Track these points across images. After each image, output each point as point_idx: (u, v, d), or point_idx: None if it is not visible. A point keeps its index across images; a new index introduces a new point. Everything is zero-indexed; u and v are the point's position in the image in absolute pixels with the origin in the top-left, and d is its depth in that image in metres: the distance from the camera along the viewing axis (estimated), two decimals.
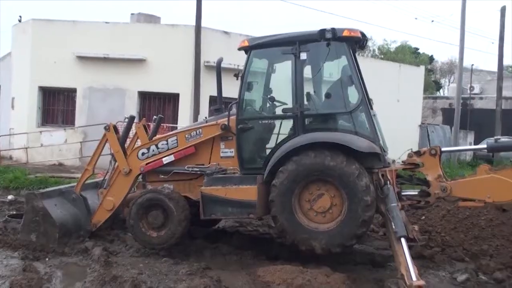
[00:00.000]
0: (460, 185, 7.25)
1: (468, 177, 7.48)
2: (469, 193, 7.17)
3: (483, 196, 7.03)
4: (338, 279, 6.53)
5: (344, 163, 6.96)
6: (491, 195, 6.98)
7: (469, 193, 7.16)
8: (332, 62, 7.84)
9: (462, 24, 23.58)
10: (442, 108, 39.38)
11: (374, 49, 59.71)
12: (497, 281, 7.18)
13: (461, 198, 7.29)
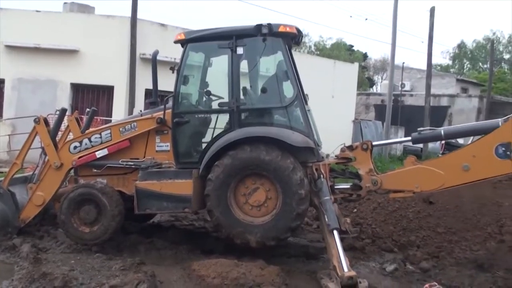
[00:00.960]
0: (390, 177, 7.51)
1: (397, 169, 7.76)
2: (398, 185, 7.43)
3: (412, 187, 7.30)
4: (272, 271, 6.61)
5: (279, 157, 7.06)
6: (419, 185, 7.26)
7: (399, 184, 7.43)
8: (268, 57, 7.91)
9: (394, 23, 24.36)
10: (375, 104, 40.57)
11: (311, 45, 60.77)
12: (423, 270, 7.50)
13: (391, 190, 7.54)
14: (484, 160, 6.90)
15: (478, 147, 7.05)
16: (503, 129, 6.91)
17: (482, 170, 6.97)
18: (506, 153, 6.80)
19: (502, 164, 6.85)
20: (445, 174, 7.09)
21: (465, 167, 6.97)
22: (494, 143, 6.88)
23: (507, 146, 6.80)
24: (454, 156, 7.31)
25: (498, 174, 7.06)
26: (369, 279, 6.82)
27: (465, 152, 7.15)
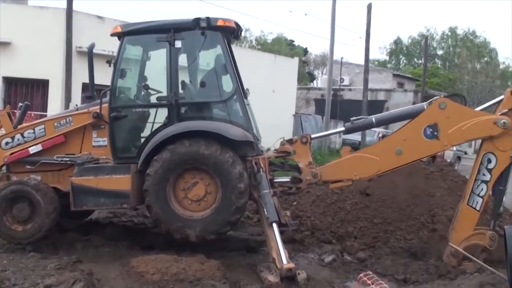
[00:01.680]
0: (328, 168, 7.67)
1: (334, 160, 7.93)
2: (337, 175, 7.60)
3: (350, 175, 7.49)
4: (212, 265, 6.62)
5: (219, 152, 7.05)
6: (357, 173, 7.47)
7: (337, 174, 7.59)
8: (207, 51, 7.87)
9: (333, 19, 24.80)
10: (315, 98, 41.22)
11: (252, 40, 60.91)
12: (360, 260, 7.73)
13: (331, 181, 7.69)
14: (415, 143, 7.24)
15: (408, 131, 7.36)
16: (428, 111, 7.27)
17: (413, 152, 7.31)
18: (434, 134, 7.18)
19: (431, 144, 7.24)
20: (380, 159, 7.35)
21: (398, 151, 7.26)
22: (422, 125, 7.23)
23: (434, 127, 7.18)
24: (387, 141, 7.58)
25: (428, 154, 7.52)
26: (307, 270, 6.96)
27: (397, 137, 7.42)
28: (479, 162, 7.15)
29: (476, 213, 7.13)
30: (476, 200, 7.12)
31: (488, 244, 7.05)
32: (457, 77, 56.60)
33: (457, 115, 7.17)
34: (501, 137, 7.03)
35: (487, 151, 7.14)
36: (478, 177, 7.16)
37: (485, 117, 7.11)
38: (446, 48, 66.23)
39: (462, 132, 7.13)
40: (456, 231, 7.21)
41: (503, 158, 7.08)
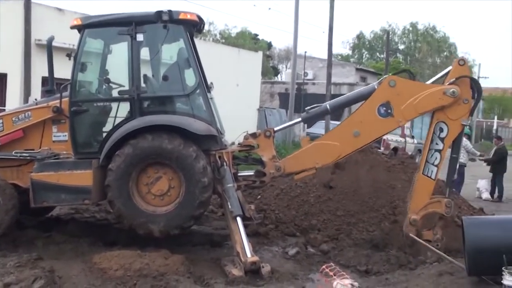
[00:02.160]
0: (291, 160, 7.73)
1: (295, 152, 7.98)
2: (300, 166, 7.65)
3: (313, 164, 7.56)
4: (176, 260, 6.61)
5: (182, 146, 7.02)
6: (319, 161, 7.54)
7: (300, 165, 7.65)
8: (169, 45, 7.82)
9: (296, 13, 24.88)
10: (279, 92, 41.33)
11: (216, 33, 60.65)
12: (323, 252, 7.82)
13: (294, 172, 7.73)
14: (371, 123, 7.39)
15: (363, 112, 7.50)
16: (379, 91, 7.42)
17: (371, 132, 7.45)
18: (388, 112, 7.34)
19: (387, 122, 7.40)
20: (339, 144, 7.46)
21: (356, 133, 7.40)
22: (375, 105, 7.38)
23: (387, 105, 7.33)
24: (344, 125, 7.66)
25: (385, 132, 7.69)
26: (272, 263, 7.01)
27: (353, 120, 7.54)
28: (431, 132, 7.32)
29: (432, 182, 7.30)
30: (431, 169, 7.29)
31: (445, 211, 7.25)
32: (418, 71, 57.67)
33: (407, 90, 7.32)
34: (451, 106, 7.21)
35: (438, 121, 7.31)
36: (432, 146, 7.32)
37: (434, 89, 7.28)
38: (408, 43, 67.39)
39: (414, 107, 7.28)
40: (413, 201, 7.37)
41: (454, 126, 7.27)
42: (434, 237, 7.28)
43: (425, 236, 7.30)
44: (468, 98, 7.28)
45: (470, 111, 7.32)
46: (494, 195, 15.40)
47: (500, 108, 69.69)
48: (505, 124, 66.43)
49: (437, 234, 7.30)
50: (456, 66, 7.34)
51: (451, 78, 7.30)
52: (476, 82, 7.54)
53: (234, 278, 6.40)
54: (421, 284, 5.98)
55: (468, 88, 7.31)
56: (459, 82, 7.23)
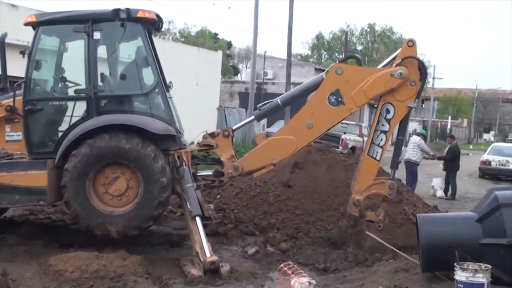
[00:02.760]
0: (248, 159, 7.73)
1: (252, 150, 7.99)
2: (258, 163, 7.65)
3: (270, 160, 7.56)
4: (135, 261, 6.55)
5: (140, 146, 6.95)
6: (275, 156, 7.54)
7: (258, 162, 7.64)
8: (127, 43, 7.75)
9: (256, 13, 24.94)
10: (239, 92, 41.35)
11: (175, 32, 60.17)
12: (282, 251, 7.87)
13: (253, 171, 7.73)
14: (322, 113, 7.41)
15: (313, 104, 7.53)
16: (327, 80, 7.46)
17: (323, 122, 7.49)
18: (338, 100, 7.36)
19: (338, 110, 7.42)
20: (294, 137, 7.47)
21: (309, 124, 7.42)
22: (325, 95, 7.40)
23: (337, 93, 7.35)
24: (296, 118, 7.66)
25: (338, 120, 7.65)
26: (231, 262, 7.02)
27: (305, 112, 7.54)
28: (378, 113, 7.37)
29: (376, 163, 7.38)
30: (376, 150, 7.36)
31: (388, 193, 7.32)
32: None
33: (355, 76, 7.35)
34: (399, 88, 7.25)
35: (385, 102, 7.35)
36: (378, 127, 7.38)
37: (381, 72, 7.33)
38: (365, 44, 68.50)
39: (364, 92, 7.31)
40: (358, 182, 7.44)
41: (400, 108, 7.32)
42: (376, 218, 7.35)
43: (368, 217, 7.40)
44: (416, 80, 7.31)
45: (417, 93, 7.36)
46: (448, 193, 15.81)
47: (454, 108, 71.52)
48: (459, 124, 68.25)
49: (380, 215, 7.37)
50: (405, 47, 7.37)
51: (398, 59, 7.33)
52: (422, 64, 7.51)
53: (193, 278, 6.38)
54: (377, 280, 6.09)
55: (416, 70, 7.33)
56: (406, 64, 7.25)
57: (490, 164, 22.44)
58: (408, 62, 7.27)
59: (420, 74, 7.38)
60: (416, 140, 14.63)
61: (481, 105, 75.78)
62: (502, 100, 77.79)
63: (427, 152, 14.73)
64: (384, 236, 7.37)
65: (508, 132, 72.71)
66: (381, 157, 7.40)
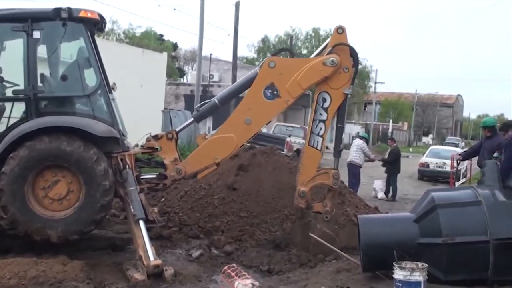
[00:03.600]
0: (190, 161, 7.69)
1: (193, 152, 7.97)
2: (200, 164, 7.62)
3: (212, 160, 7.55)
4: (75, 266, 6.40)
5: (82, 148, 6.81)
6: (218, 156, 7.54)
7: (200, 164, 7.62)
8: (69, 43, 7.59)
9: (201, 15, 24.87)
10: (185, 94, 41.05)
11: (119, 33, 59.21)
12: (227, 254, 7.88)
13: (197, 172, 7.70)
14: (259, 108, 7.45)
15: (249, 99, 7.56)
16: (261, 75, 7.50)
17: (261, 117, 7.52)
18: (274, 93, 7.41)
19: (275, 104, 7.47)
20: (234, 135, 7.48)
21: (247, 120, 7.44)
22: (260, 89, 7.43)
23: (272, 87, 7.39)
24: (234, 115, 7.66)
25: (276, 113, 7.73)
26: (175, 266, 6.98)
27: (242, 108, 7.57)
28: (315, 103, 7.44)
29: (318, 152, 7.46)
30: (316, 140, 7.44)
31: (332, 183, 7.43)
32: None
33: (288, 68, 7.40)
34: (333, 76, 7.33)
35: (321, 91, 7.42)
36: (316, 117, 7.45)
37: (314, 61, 7.40)
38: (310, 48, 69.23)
39: (298, 83, 7.37)
40: (301, 174, 7.52)
41: (336, 96, 7.39)
42: (323, 209, 7.43)
43: (315, 208, 7.47)
44: (349, 66, 7.40)
45: (351, 80, 7.45)
46: (389, 195, 16.26)
47: (395, 112, 73.59)
48: (400, 127, 70.27)
49: (327, 206, 7.44)
50: (334, 34, 7.44)
51: (329, 47, 7.40)
52: (354, 50, 7.54)
53: (136, 282, 6.31)
54: (320, 281, 6.19)
55: (348, 56, 7.42)
56: (338, 51, 7.33)
57: (428, 167, 23.21)
58: (339, 49, 7.35)
59: (352, 60, 7.45)
60: (359, 143, 14.97)
61: (420, 109, 78.41)
62: (440, 104, 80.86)
63: (368, 155, 15.06)
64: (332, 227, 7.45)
65: (445, 135, 75.58)
66: (322, 147, 7.44)
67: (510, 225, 5.51)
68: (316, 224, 7.35)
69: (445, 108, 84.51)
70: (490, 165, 6.85)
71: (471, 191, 6.04)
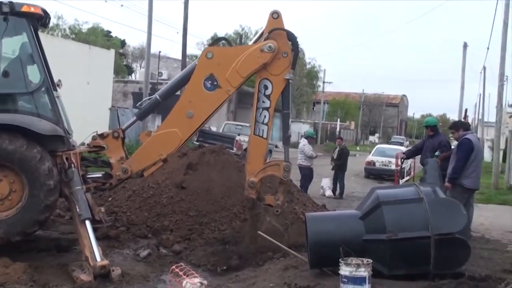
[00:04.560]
0: (135, 159, 7.56)
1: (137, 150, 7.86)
2: (145, 162, 7.51)
3: (157, 157, 7.43)
4: (18, 268, 6.25)
5: (24, 147, 6.63)
6: (162, 152, 7.41)
7: (145, 162, 7.51)
8: (11, 38, 7.34)
9: (150, 12, 24.54)
10: (133, 92, 40.43)
11: (65, 28, 57.69)
12: (175, 253, 7.85)
13: (143, 170, 7.59)
14: (200, 100, 7.34)
15: (190, 92, 7.46)
16: (199, 66, 7.41)
17: (203, 109, 7.37)
18: (214, 84, 7.31)
19: (216, 94, 7.35)
20: (177, 129, 7.36)
21: (189, 114, 7.32)
22: (200, 81, 7.32)
23: (211, 78, 7.30)
24: (176, 110, 7.51)
25: (217, 104, 7.44)
26: (122, 266, 6.89)
27: (183, 102, 7.46)
28: (257, 91, 7.33)
29: (264, 140, 7.35)
30: (261, 128, 7.31)
31: (283, 175, 7.30)
32: None
33: (226, 58, 7.31)
34: (272, 62, 7.23)
35: (262, 78, 7.30)
36: (259, 105, 7.32)
37: (251, 48, 7.32)
38: None
39: (237, 72, 7.26)
40: (249, 163, 7.42)
41: (277, 82, 7.25)
42: (275, 202, 7.30)
43: (267, 201, 7.35)
44: (287, 51, 7.33)
45: (292, 64, 7.31)
46: (336, 192, 16.51)
47: (342, 111, 74.85)
48: (347, 126, 71.54)
49: (279, 200, 7.33)
50: (270, 19, 7.33)
51: (266, 32, 7.31)
52: (291, 34, 7.42)
53: (82, 284, 6.19)
54: (268, 278, 6.25)
55: (286, 41, 7.35)
56: (275, 36, 7.26)
57: (375, 165, 23.71)
58: (276, 35, 7.28)
59: (291, 44, 7.38)
60: (300, 145, 14.88)
61: (367, 108, 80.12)
62: (386, 104, 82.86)
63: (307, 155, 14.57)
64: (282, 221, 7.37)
65: (391, 135, 77.50)
66: (267, 135, 7.33)
67: (450, 221, 5.72)
68: (266, 217, 7.27)
69: (390, 107, 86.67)
70: (431, 163, 7.12)
71: (413, 188, 6.23)
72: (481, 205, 14.09)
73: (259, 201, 7.41)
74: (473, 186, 8.50)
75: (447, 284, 5.30)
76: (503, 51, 22.17)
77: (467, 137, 8.48)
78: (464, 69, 37.41)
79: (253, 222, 7.46)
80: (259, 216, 7.37)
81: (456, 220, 5.77)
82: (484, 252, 7.63)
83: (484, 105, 47.70)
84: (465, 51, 38.01)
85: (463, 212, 5.93)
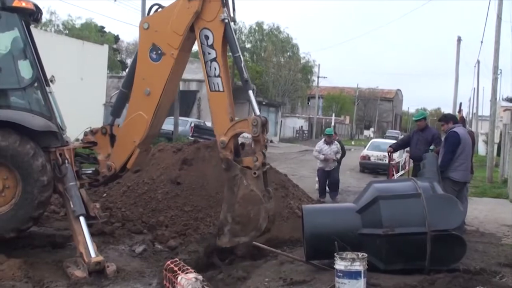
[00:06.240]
0: (115, 155, 7.48)
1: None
2: (124, 154, 7.40)
3: (132, 144, 7.32)
4: (13, 265, 6.24)
5: (18, 143, 6.59)
6: (135, 138, 7.30)
7: (123, 154, 7.40)
8: (3, 34, 7.28)
9: (143, 7, 24.41)
10: None
11: (58, 24, 57.46)
12: (171, 248, 7.83)
13: (125, 163, 7.48)
14: (151, 73, 7.15)
15: (140, 69, 7.24)
16: (141, 40, 7.28)
17: (157, 83, 7.13)
18: (158, 53, 7.09)
19: (163, 63, 7.09)
20: (141, 111, 7.20)
21: (146, 91, 7.16)
22: (146, 55, 7.14)
23: (154, 48, 7.08)
24: (134, 93, 7.34)
25: (168, 72, 7.13)
26: (118, 262, 6.87)
27: (137, 82, 7.26)
28: (199, 44, 6.97)
29: (222, 94, 6.87)
30: (215, 81, 6.88)
31: (252, 131, 6.60)
32: (264, 70, 59.84)
33: (160, 23, 7.09)
34: (204, 8, 6.83)
35: (200, 29, 6.90)
36: (206, 58, 6.89)
37: (179, 3, 6.99)
38: (254, 42, 69.51)
39: (174, 31, 6.96)
40: (215, 123, 6.98)
41: (215, 27, 6.84)
42: (253, 164, 6.64)
43: (245, 163, 6.76)
44: None
45: (222, 3, 6.86)
46: None
47: (337, 106, 74.89)
48: (342, 121, 71.60)
49: (257, 161, 6.63)
50: None
51: None
52: None
53: (77, 280, 6.17)
54: (264, 273, 6.23)
55: None
56: None
57: (370, 159, 23.72)
58: None
59: None
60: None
61: (362, 103, 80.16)
62: (380, 98, 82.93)
63: (315, 156, 14.18)
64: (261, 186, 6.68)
65: (386, 129, 77.58)
66: (223, 87, 6.86)
67: (446, 217, 5.72)
68: (243, 180, 6.62)
69: (385, 102, 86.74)
70: (430, 158, 7.08)
71: (411, 183, 6.22)
72: (476, 199, 14.14)
73: (236, 162, 6.77)
74: (462, 179, 8.45)
75: (442, 278, 5.29)
76: (497, 44, 22.18)
77: (453, 130, 8.44)
78: (458, 63, 37.52)
79: (230, 186, 6.78)
80: (236, 179, 6.68)
81: (453, 217, 5.77)
82: (479, 245, 7.63)
83: (478, 99, 47.82)
84: (459, 45, 38.10)
85: (460, 209, 5.93)
